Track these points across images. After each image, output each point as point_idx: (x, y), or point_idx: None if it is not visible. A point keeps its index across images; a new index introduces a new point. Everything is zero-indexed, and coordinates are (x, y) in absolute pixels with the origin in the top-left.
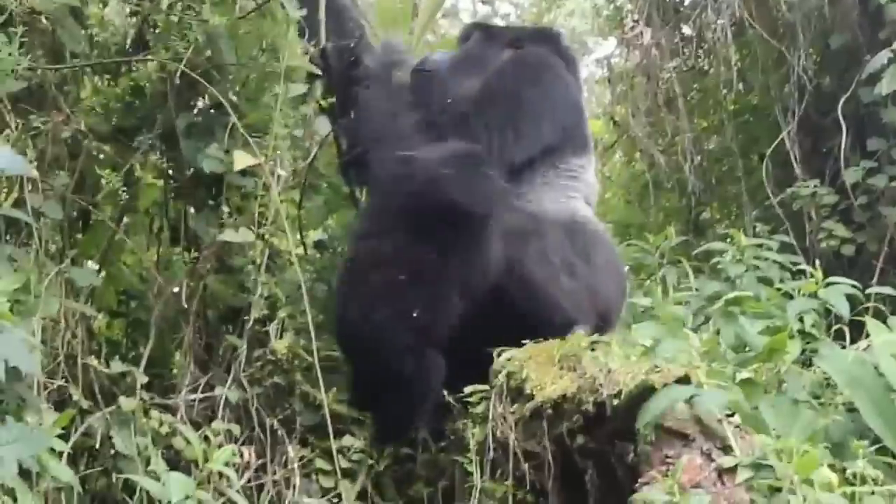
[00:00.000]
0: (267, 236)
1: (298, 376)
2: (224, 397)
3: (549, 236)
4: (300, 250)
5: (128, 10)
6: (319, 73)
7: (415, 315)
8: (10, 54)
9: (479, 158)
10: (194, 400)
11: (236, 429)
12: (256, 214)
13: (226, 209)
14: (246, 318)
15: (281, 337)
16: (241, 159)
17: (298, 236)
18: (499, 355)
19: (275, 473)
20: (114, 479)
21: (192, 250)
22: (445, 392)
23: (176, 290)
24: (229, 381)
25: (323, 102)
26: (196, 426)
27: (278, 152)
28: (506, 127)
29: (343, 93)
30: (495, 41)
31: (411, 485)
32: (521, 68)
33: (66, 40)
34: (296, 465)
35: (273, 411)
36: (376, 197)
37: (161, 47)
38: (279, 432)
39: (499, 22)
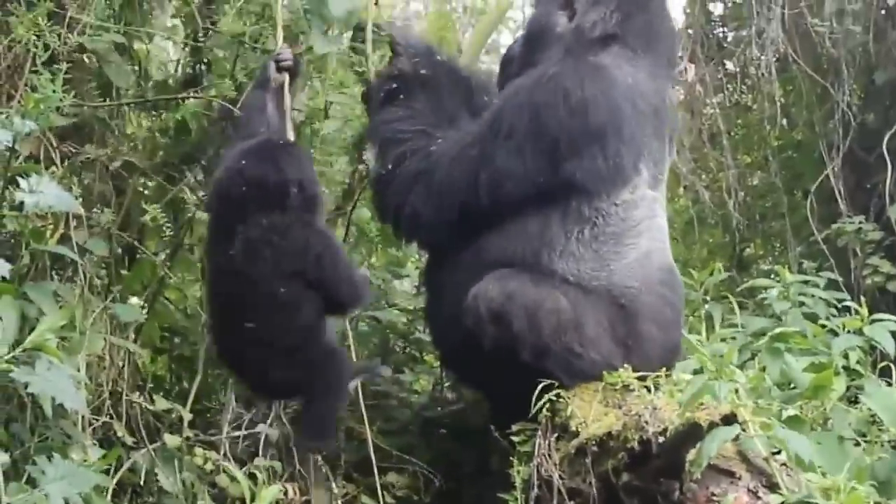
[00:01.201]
0: None
1: (343, 413)
2: (264, 434)
3: None
4: None
5: (171, 47)
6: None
7: None
8: (53, 91)
9: None
10: (238, 437)
11: (278, 466)
12: None
13: None
14: None
15: None
16: None
17: None
18: (542, 391)
19: None
20: None
21: None
22: (492, 427)
23: None
24: (270, 418)
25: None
26: (240, 463)
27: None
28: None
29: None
30: (549, 4)
31: None
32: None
33: (112, 77)
34: (339, 502)
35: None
36: None
37: (215, 80)
38: (323, 469)
39: None
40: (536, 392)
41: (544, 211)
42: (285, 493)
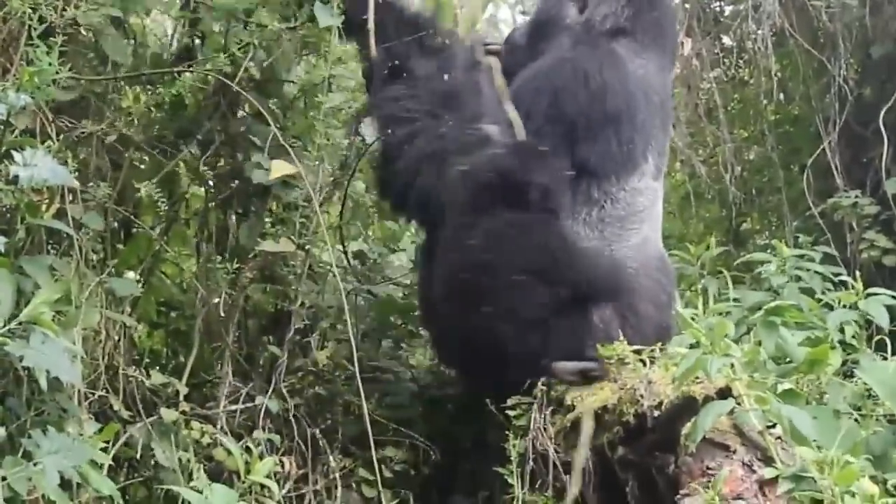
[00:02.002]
0: (308, 247)
1: (341, 387)
2: (264, 407)
3: None
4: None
5: (170, 21)
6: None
7: None
8: (50, 64)
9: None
10: (235, 411)
11: (276, 439)
12: (298, 225)
13: (268, 220)
14: (287, 328)
15: (322, 347)
16: (280, 168)
17: (340, 246)
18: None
19: (316, 483)
20: (156, 490)
21: (234, 261)
22: (488, 402)
23: (216, 300)
24: (269, 391)
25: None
26: (237, 437)
27: (317, 162)
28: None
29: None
30: None
31: (452, 495)
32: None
33: (109, 51)
34: (337, 475)
35: (315, 422)
36: None
37: (211, 54)
38: (321, 442)
39: None
40: None
41: None
42: (282, 467)
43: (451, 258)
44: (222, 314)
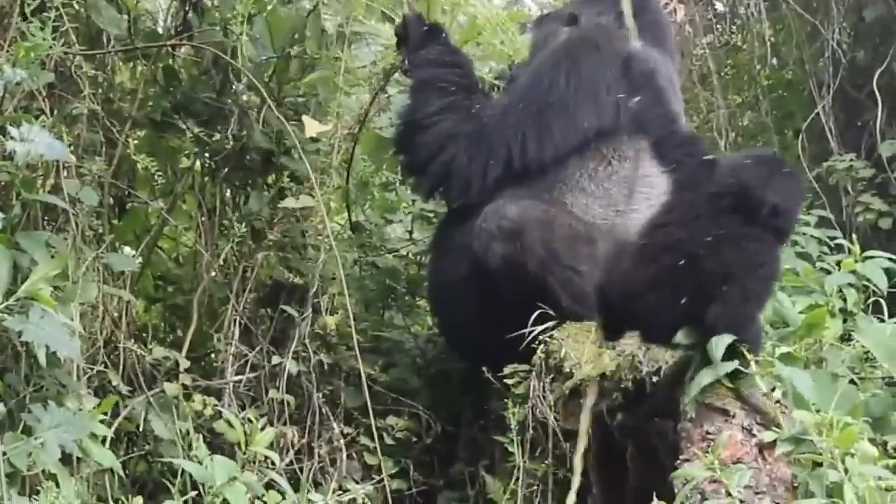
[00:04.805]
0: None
1: (345, 353)
2: (265, 375)
3: None
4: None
5: None
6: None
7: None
8: (43, 39)
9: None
10: (239, 381)
11: (292, 399)
12: (316, 181)
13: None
14: (284, 298)
15: (333, 314)
16: (311, 126)
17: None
18: (537, 334)
19: (320, 448)
20: (156, 464)
21: (234, 229)
22: (485, 370)
23: (214, 273)
24: (289, 352)
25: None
26: (241, 408)
27: (340, 119)
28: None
29: None
30: (553, 22)
31: (453, 463)
32: (559, 55)
33: (104, 25)
34: (342, 442)
35: (318, 389)
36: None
37: (207, 25)
38: (324, 410)
39: (530, 2)
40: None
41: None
42: (283, 436)
43: None
44: (226, 279)
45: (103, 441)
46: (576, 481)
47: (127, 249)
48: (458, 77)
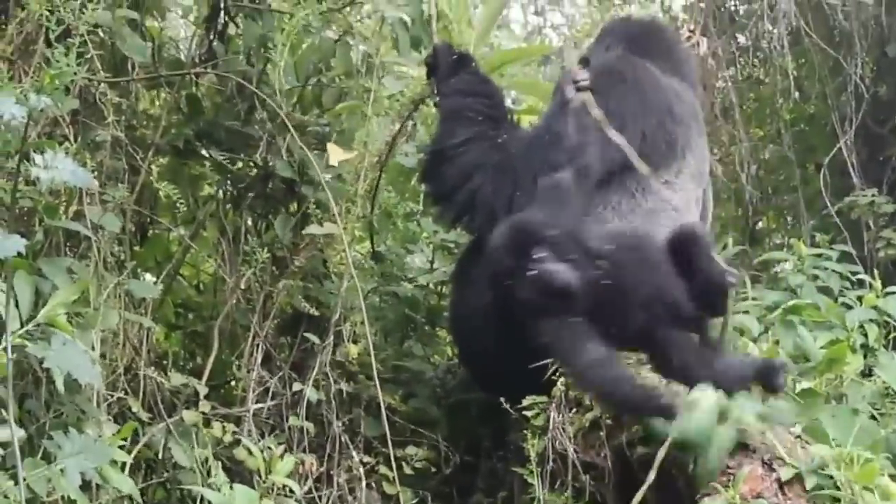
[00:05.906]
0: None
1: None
2: (301, 399)
3: None
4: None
5: (183, 24)
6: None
7: None
8: (67, 65)
9: None
10: (260, 409)
11: (311, 427)
12: (340, 209)
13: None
14: (303, 327)
15: (355, 342)
16: (336, 153)
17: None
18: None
19: (338, 478)
20: (175, 491)
21: (265, 252)
22: (504, 401)
23: (234, 301)
24: (309, 379)
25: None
26: (259, 436)
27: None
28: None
29: None
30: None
31: (472, 494)
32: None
33: (128, 52)
34: (361, 471)
35: (338, 418)
36: None
37: (231, 53)
38: (343, 438)
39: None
40: None
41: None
42: (302, 464)
43: None
44: (247, 305)
45: (123, 468)
46: None
47: (148, 276)
48: (487, 107)
